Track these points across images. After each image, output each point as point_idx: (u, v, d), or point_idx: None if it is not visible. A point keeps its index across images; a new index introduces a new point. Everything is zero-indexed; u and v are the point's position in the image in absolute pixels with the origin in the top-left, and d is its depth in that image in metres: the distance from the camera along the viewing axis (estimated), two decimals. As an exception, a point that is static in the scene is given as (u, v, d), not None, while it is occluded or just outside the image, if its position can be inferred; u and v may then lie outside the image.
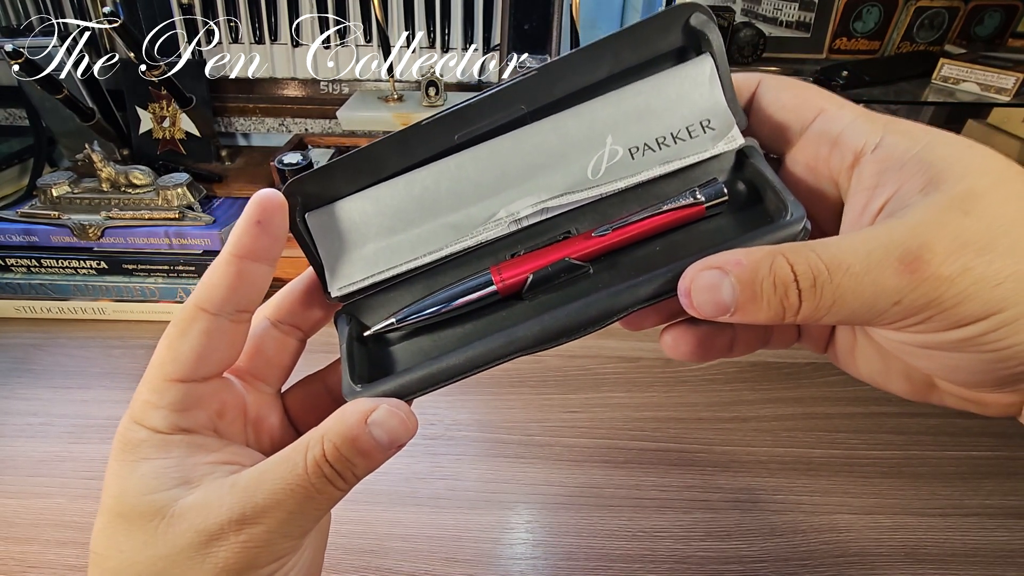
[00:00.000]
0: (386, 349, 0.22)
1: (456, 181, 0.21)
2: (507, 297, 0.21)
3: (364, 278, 0.21)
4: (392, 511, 0.43)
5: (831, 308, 0.16)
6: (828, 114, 0.19)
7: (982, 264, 0.14)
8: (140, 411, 0.19)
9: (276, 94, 0.80)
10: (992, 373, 0.16)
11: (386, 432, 0.17)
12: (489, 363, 0.19)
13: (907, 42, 0.72)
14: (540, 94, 0.20)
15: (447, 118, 0.21)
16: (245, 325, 0.20)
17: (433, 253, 0.21)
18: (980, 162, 0.16)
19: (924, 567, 0.40)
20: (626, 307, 0.19)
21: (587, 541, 0.42)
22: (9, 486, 0.45)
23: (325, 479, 0.17)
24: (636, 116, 0.20)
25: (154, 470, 0.18)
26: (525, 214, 0.21)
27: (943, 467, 0.47)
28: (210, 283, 0.19)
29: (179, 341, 0.19)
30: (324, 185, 0.21)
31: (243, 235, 0.19)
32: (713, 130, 0.20)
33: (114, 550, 0.18)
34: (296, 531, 0.18)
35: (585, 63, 0.20)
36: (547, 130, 0.20)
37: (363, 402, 0.18)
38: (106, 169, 0.61)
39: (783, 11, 0.72)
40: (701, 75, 0.20)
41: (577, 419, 0.51)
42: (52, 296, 0.63)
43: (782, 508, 0.44)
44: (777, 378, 0.55)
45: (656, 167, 0.21)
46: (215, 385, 0.20)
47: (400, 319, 0.21)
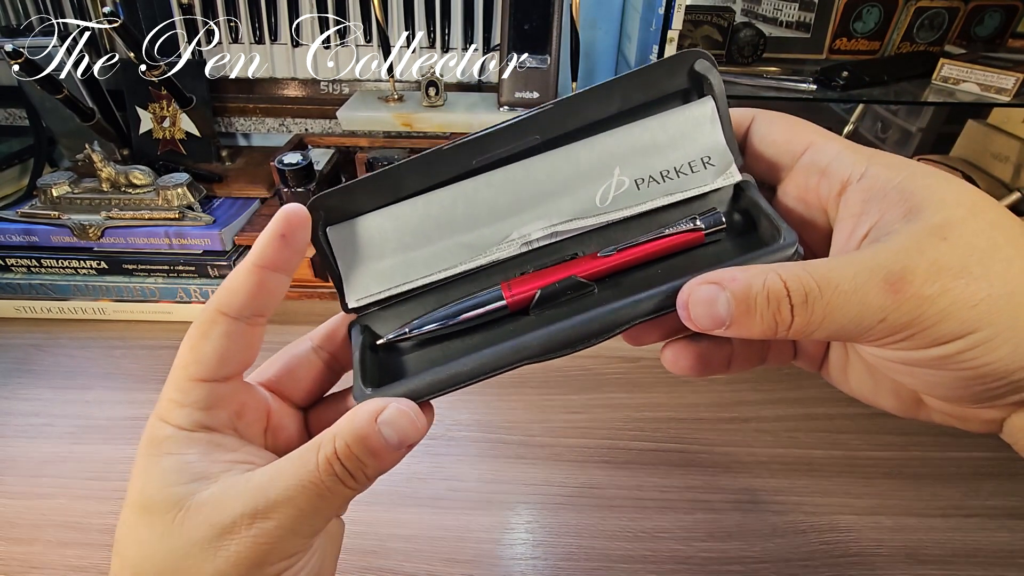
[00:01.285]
0: (397, 358, 0.23)
1: (472, 204, 0.22)
2: (515, 312, 0.22)
3: (380, 291, 0.23)
4: (393, 511, 0.43)
5: (821, 323, 0.17)
6: (817, 147, 0.20)
7: (959, 286, 0.16)
8: (165, 409, 0.20)
9: (276, 94, 0.80)
10: (969, 389, 0.17)
11: (395, 431, 0.18)
12: (496, 370, 0.20)
13: (907, 42, 0.72)
14: (554, 125, 0.22)
15: (467, 145, 0.22)
16: (261, 328, 0.21)
17: (447, 270, 0.23)
18: (956, 193, 0.17)
19: (925, 568, 0.40)
20: (627, 321, 0.20)
21: (587, 541, 0.42)
22: (11, 487, 0.45)
23: (336, 477, 0.18)
24: (643, 150, 0.22)
25: (174, 464, 0.19)
26: (536, 237, 0.22)
27: (944, 468, 0.47)
28: (231, 289, 0.20)
29: (201, 343, 0.20)
30: (346, 201, 0.22)
31: (267, 246, 0.20)
32: (713, 166, 0.22)
33: (133, 540, 0.19)
34: (307, 529, 0.18)
35: (598, 100, 0.22)
36: (559, 159, 0.22)
37: (373, 402, 0.19)
38: (106, 169, 0.61)
39: (783, 11, 0.72)
40: (703, 116, 0.22)
41: (578, 419, 0.51)
42: (52, 296, 0.63)
43: (783, 509, 0.44)
44: (778, 379, 0.55)
45: (660, 198, 0.22)
46: (235, 386, 0.21)
47: (412, 329, 0.22)
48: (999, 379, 0.16)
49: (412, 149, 0.69)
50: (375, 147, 0.70)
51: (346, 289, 0.23)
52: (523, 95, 0.66)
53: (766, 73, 0.65)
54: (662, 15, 0.55)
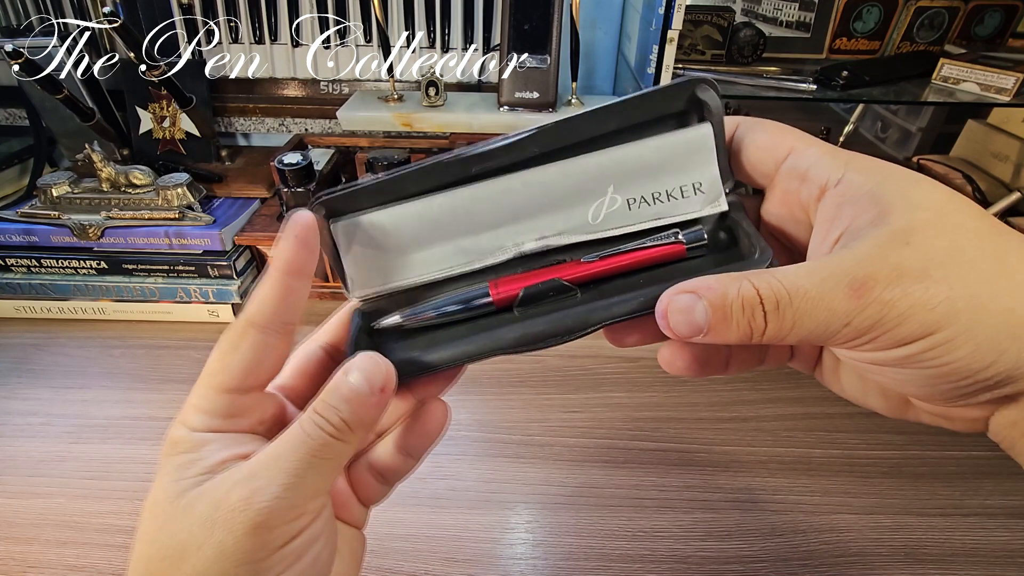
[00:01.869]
0: (388, 342, 0.24)
1: (470, 212, 0.23)
2: (501, 309, 0.23)
3: (380, 287, 0.24)
4: (392, 511, 0.43)
5: (792, 329, 0.18)
6: (797, 152, 0.21)
7: (919, 290, 0.16)
8: (187, 414, 0.21)
9: (276, 94, 0.80)
10: (938, 387, 0.18)
11: (360, 372, 0.19)
12: (471, 359, 0.22)
13: (907, 42, 0.72)
14: (553, 142, 0.23)
15: (468, 160, 0.22)
16: (289, 338, 0.22)
17: (444, 272, 0.24)
18: (924, 197, 0.18)
19: (924, 567, 0.40)
20: (600, 321, 0.21)
21: (587, 541, 0.42)
22: (9, 486, 0.45)
23: (318, 428, 0.19)
24: (638, 171, 0.23)
25: (186, 461, 0.19)
26: (529, 248, 0.23)
27: (943, 467, 0.47)
28: (260, 299, 0.21)
29: (229, 354, 0.20)
30: (348, 203, 0.23)
31: (287, 251, 0.21)
32: (703, 193, 0.23)
33: (143, 532, 0.19)
34: (303, 488, 0.18)
35: (598, 121, 0.22)
36: (555, 173, 0.23)
37: (344, 364, 0.20)
38: (106, 169, 0.61)
39: (783, 11, 0.72)
40: (700, 142, 0.22)
41: (577, 419, 0.51)
42: (52, 296, 0.63)
43: (782, 508, 0.44)
44: (777, 378, 0.55)
45: (649, 220, 0.23)
46: (257, 397, 0.21)
47: (405, 316, 0.23)
48: (964, 377, 0.17)
49: (412, 149, 0.69)
50: (375, 147, 0.70)
51: (349, 283, 0.24)
52: (523, 95, 0.67)
53: (766, 73, 0.65)
54: (662, 15, 0.55)
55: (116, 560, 0.40)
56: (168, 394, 0.53)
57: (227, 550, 0.17)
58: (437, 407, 0.24)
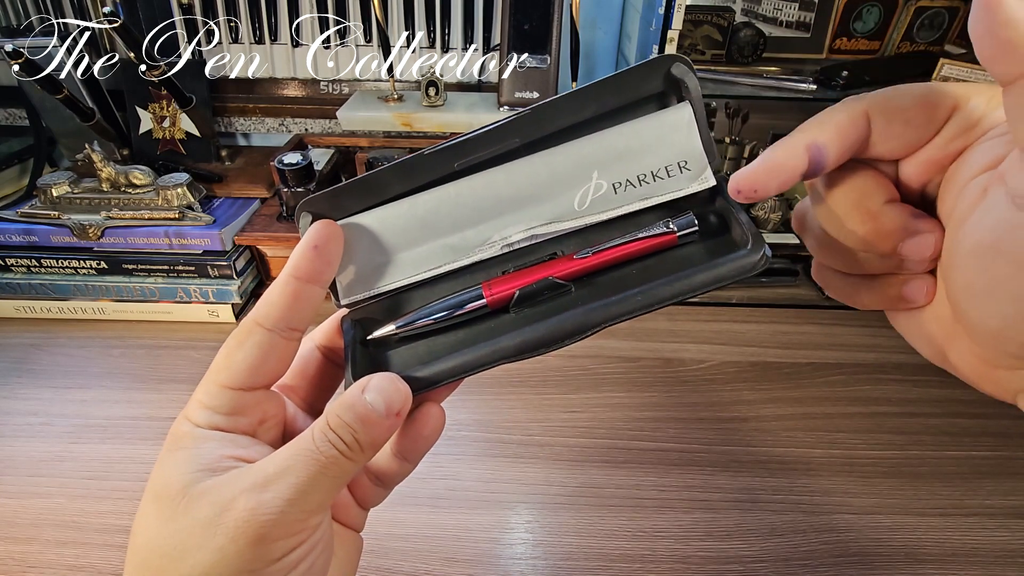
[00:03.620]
0: (385, 352, 0.24)
1: (454, 207, 0.23)
2: (496, 310, 0.23)
3: (369, 290, 0.24)
4: (392, 511, 0.43)
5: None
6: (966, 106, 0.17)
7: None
8: (191, 409, 0.21)
9: (276, 94, 0.80)
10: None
11: (379, 393, 0.19)
12: (474, 370, 0.21)
13: (907, 42, 0.72)
14: (533, 129, 0.22)
15: (448, 150, 0.22)
16: (295, 343, 0.22)
17: (432, 270, 0.24)
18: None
19: (924, 567, 0.40)
20: (599, 322, 0.21)
21: (587, 541, 0.42)
22: (9, 486, 0.45)
23: (330, 445, 0.19)
24: (621, 155, 0.23)
25: (187, 456, 0.19)
26: (516, 239, 0.23)
27: (943, 467, 0.47)
28: (269, 301, 0.21)
29: (235, 352, 0.21)
30: (333, 204, 0.23)
31: (301, 258, 0.21)
32: (689, 170, 0.23)
33: (142, 527, 0.19)
34: (307, 503, 0.18)
35: (576, 103, 0.22)
36: (538, 164, 0.23)
37: (360, 380, 0.20)
38: (106, 169, 0.61)
39: (783, 11, 0.72)
40: (680, 121, 0.22)
41: (577, 419, 0.51)
42: (52, 296, 0.63)
43: (782, 508, 0.44)
44: (777, 378, 0.55)
45: (636, 202, 0.23)
46: (261, 396, 0.22)
47: (399, 326, 0.23)
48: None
49: (412, 149, 0.69)
50: (375, 147, 0.70)
51: (339, 288, 0.24)
52: (523, 95, 0.67)
53: (766, 73, 0.65)
54: (662, 15, 0.55)
55: (116, 560, 0.40)
56: (168, 394, 0.53)
57: (227, 556, 0.17)
58: (433, 411, 0.24)
